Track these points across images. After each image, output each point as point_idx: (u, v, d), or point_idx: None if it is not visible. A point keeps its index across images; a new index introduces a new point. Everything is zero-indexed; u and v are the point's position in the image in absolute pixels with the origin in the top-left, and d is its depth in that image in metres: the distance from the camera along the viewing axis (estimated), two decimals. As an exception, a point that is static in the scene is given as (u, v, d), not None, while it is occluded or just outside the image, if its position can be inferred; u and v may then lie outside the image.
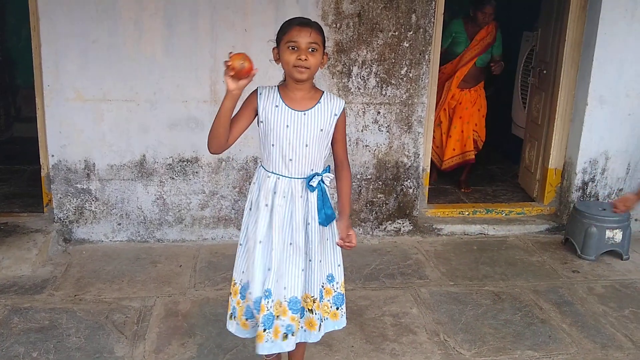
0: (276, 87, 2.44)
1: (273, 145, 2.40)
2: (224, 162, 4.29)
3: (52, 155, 4.16)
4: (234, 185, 4.35)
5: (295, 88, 2.39)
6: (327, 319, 2.59)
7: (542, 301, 3.70)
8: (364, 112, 4.34)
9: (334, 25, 4.17)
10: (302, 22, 2.32)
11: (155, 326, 3.28)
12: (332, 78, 4.25)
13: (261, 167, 2.51)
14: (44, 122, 4.14)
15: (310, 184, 2.42)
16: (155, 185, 4.29)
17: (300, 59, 2.28)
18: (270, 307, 2.44)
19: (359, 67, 4.27)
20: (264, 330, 2.44)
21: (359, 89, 4.31)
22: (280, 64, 2.37)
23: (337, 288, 2.59)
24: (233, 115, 2.34)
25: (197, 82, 4.16)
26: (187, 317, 3.39)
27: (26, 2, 4.04)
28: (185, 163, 4.28)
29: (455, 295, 3.74)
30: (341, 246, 2.47)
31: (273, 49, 2.39)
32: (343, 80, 4.28)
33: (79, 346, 3.07)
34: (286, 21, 2.36)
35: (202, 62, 4.13)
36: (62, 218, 4.27)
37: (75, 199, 4.25)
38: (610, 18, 4.38)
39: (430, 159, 4.78)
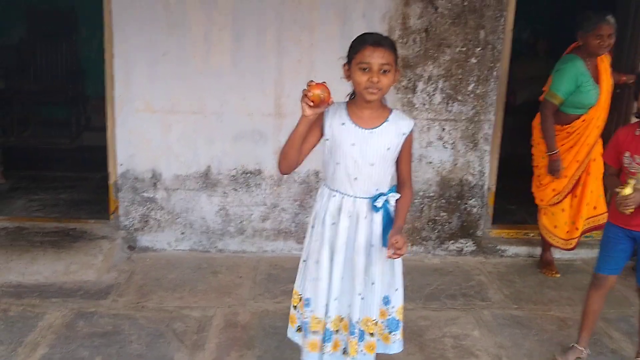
0: (344, 104, 2.40)
1: (338, 163, 2.37)
2: (285, 175, 4.30)
3: (121, 164, 4.27)
4: (295, 199, 4.35)
5: (364, 106, 2.35)
6: (379, 340, 2.55)
7: (612, 330, 3.54)
8: (428, 128, 4.29)
9: (401, 40, 4.14)
10: (375, 42, 2.24)
11: (215, 337, 3.30)
12: (397, 93, 4.22)
13: (325, 186, 2.48)
14: (114, 132, 4.25)
15: (375, 204, 2.37)
16: (219, 196, 4.33)
17: (372, 82, 2.23)
18: (329, 322, 2.44)
19: (424, 82, 4.22)
20: (323, 342, 2.46)
21: (424, 104, 4.26)
22: (350, 81, 2.33)
23: (392, 312, 2.53)
24: None
25: (262, 96, 4.19)
26: (246, 328, 3.40)
27: (99, 14, 4.17)
28: (249, 175, 4.31)
29: (518, 319, 3.63)
30: (389, 256, 2.32)
31: (343, 65, 2.34)
32: (408, 96, 4.24)
33: (140, 353, 3.11)
34: (358, 38, 2.30)
35: (267, 76, 4.17)
36: (127, 226, 4.37)
37: (141, 208, 4.34)
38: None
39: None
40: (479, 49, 4.20)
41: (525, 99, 6.51)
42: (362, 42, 2.26)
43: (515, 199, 5.38)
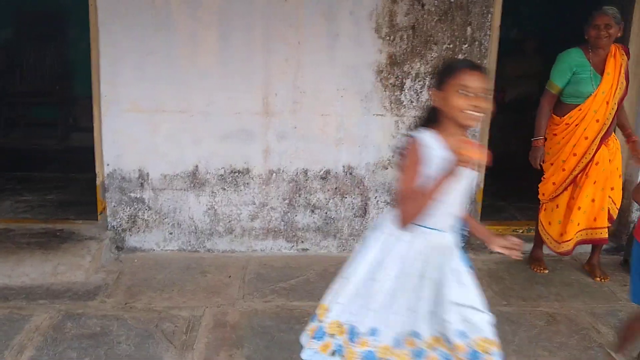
0: (434, 134, 2.23)
1: (441, 200, 2.21)
2: (274, 174, 4.30)
3: (108, 164, 4.25)
4: (284, 197, 4.35)
5: (456, 134, 2.22)
6: None
7: (600, 324, 3.55)
8: (416, 125, 4.28)
9: (388, 38, 4.14)
10: (473, 66, 2.19)
11: (204, 336, 3.28)
12: (385, 91, 4.22)
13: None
14: (100, 132, 4.23)
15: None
16: (207, 196, 4.32)
17: (475, 106, 2.14)
18: (421, 344, 2.36)
19: (412, 80, 4.22)
20: None
21: (412, 102, 4.26)
22: (440, 107, 2.22)
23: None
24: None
25: (250, 95, 4.18)
26: (235, 328, 3.38)
27: (86, 15, 4.14)
28: (237, 174, 4.30)
29: (508, 315, 3.63)
30: (517, 256, 2.42)
31: (432, 90, 2.25)
32: (395, 93, 4.24)
33: (129, 354, 3.09)
34: (451, 63, 2.27)
35: (254, 75, 4.16)
36: (115, 226, 4.34)
37: (128, 208, 4.32)
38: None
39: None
40: (465, 45, 4.20)
41: (514, 97, 6.54)
42: (460, 66, 2.19)
43: (504, 196, 5.41)
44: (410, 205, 2.18)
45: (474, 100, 2.15)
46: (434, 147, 2.20)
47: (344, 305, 2.39)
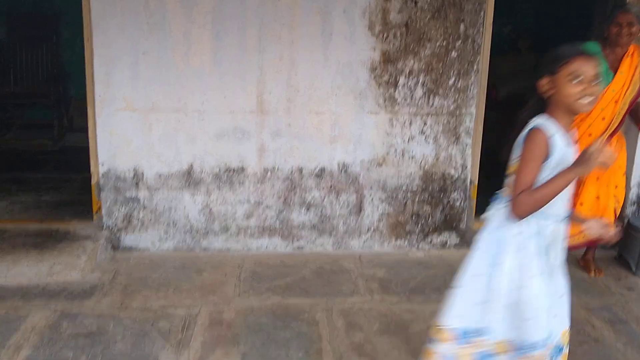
0: (552, 120, 2.20)
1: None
2: (269, 172, 4.31)
3: (102, 164, 4.25)
4: (279, 195, 4.35)
5: (570, 121, 2.23)
6: None
7: (595, 319, 3.57)
8: (410, 122, 4.30)
9: (381, 36, 4.15)
10: (584, 52, 2.14)
11: (200, 335, 3.29)
12: (379, 88, 4.23)
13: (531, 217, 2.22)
14: (95, 132, 4.23)
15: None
16: (202, 195, 4.33)
17: (589, 93, 2.12)
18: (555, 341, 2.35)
19: (405, 77, 4.24)
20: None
21: (406, 99, 4.27)
22: (551, 95, 2.20)
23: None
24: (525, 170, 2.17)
25: (244, 93, 4.19)
26: (231, 326, 3.39)
27: (80, 15, 4.14)
28: (232, 173, 4.31)
29: (503, 310, 3.65)
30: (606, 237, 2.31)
31: (541, 80, 2.21)
32: (389, 91, 4.25)
33: (125, 353, 3.10)
34: (561, 50, 2.18)
35: (249, 74, 4.16)
36: (110, 226, 4.35)
37: (123, 207, 4.32)
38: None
39: (477, 172, 4.62)
40: (459, 42, 4.22)
41: (507, 94, 6.55)
42: (571, 52, 2.15)
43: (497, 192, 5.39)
44: (533, 197, 2.13)
45: (587, 87, 2.12)
46: (555, 134, 2.16)
47: (498, 322, 2.30)
